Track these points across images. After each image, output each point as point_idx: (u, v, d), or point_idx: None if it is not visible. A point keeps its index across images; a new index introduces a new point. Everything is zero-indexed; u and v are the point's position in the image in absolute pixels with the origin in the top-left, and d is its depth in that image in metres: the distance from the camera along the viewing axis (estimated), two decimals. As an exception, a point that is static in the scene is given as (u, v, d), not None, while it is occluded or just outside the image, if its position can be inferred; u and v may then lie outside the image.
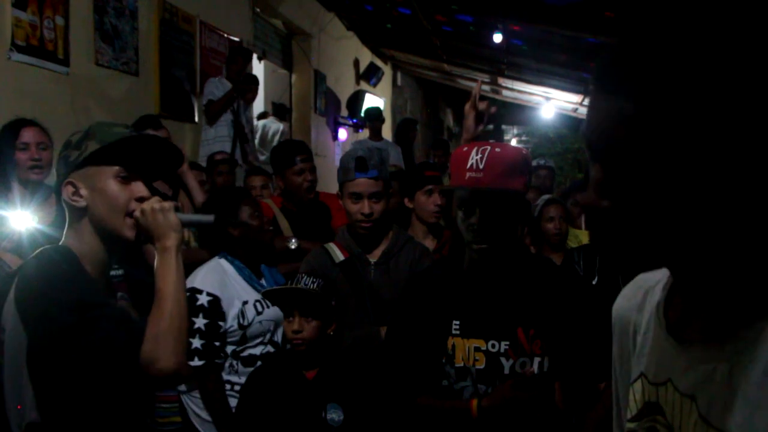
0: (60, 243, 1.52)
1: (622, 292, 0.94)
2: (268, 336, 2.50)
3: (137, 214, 1.50)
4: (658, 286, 0.85)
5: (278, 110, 7.65)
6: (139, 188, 1.53)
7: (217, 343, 2.36)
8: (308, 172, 3.23)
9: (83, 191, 1.50)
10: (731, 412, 0.69)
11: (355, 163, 2.33)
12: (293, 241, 3.05)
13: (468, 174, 1.70)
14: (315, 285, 2.11)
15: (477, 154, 1.70)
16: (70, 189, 1.50)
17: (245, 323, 2.41)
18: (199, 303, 2.34)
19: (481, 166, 1.69)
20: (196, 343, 2.31)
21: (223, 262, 2.52)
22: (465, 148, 1.74)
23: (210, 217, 1.65)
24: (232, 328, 2.39)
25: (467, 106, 2.16)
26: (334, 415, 2.09)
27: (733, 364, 0.70)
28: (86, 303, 1.36)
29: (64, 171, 1.52)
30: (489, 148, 1.72)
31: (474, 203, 1.72)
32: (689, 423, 0.74)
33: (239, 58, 5.35)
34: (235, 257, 2.53)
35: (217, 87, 5.09)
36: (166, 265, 1.49)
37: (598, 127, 0.69)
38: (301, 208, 3.25)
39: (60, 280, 1.38)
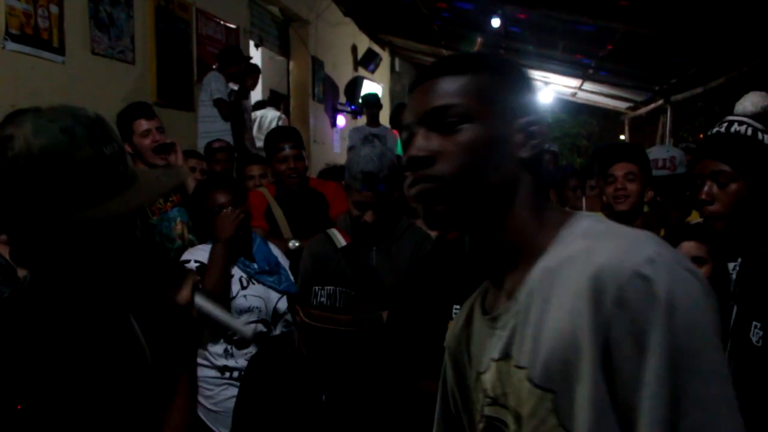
0: None
1: (449, 332, 1.11)
2: (256, 314, 2.50)
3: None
4: (476, 298, 1.06)
5: (273, 98, 7.62)
6: None
7: None
8: (292, 160, 3.17)
9: None
10: (525, 345, 0.86)
11: (363, 177, 2.30)
12: (293, 242, 3.02)
13: None
14: (340, 300, 2.06)
15: None
16: None
17: (229, 295, 2.46)
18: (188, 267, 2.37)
19: None
20: None
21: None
22: None
23: (248, 332, 1.24)
24: None
25: None
26: None
27: (524, 309, 0.88)
28: None
29: None
30: None
31: None
32: (515, 383, 0.88)
33: (239, 60, 5.32)
34: None
35: (222, 82, 5.03)
36: (175, 392, 1.13)
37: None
38: (291, 196, 3.21)
39: None
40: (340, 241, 2.42)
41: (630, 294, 0.77)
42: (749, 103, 2.96)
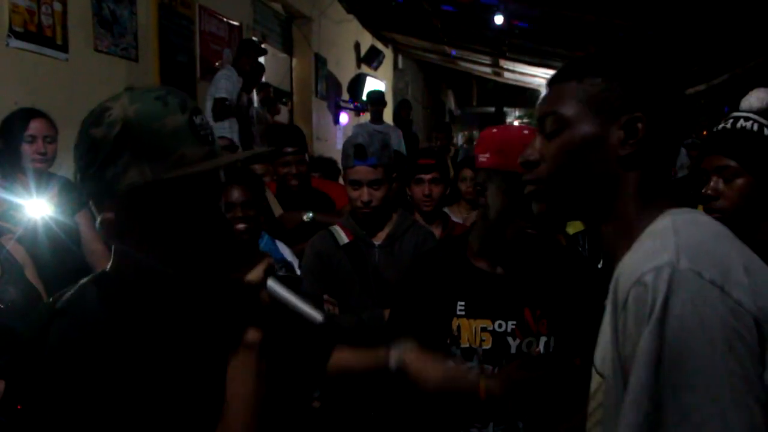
0: None
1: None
2: None
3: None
4: None
5: (275, 95, 7.60)
6: None
7: None
8: (294, 166, 3.10)
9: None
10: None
11: (354, 150, 2.33)
12: (307, 215, 3.00)
13: None
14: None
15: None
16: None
17: None
18: None
19: None
20: None
21: None
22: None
23: (318, 317, 1.03)
24: None
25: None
26: None
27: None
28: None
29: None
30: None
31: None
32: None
33: (252, 53, 5.24)
34: None
35: (230, 80, 4.99)
36: (238, 367, 1.04)
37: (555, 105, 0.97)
38: (292, 196, 3.19)
39: None
40: (343, 238, 2.42)
41: (630, 299, 0.80)
42: (755, 98, 2.96)
